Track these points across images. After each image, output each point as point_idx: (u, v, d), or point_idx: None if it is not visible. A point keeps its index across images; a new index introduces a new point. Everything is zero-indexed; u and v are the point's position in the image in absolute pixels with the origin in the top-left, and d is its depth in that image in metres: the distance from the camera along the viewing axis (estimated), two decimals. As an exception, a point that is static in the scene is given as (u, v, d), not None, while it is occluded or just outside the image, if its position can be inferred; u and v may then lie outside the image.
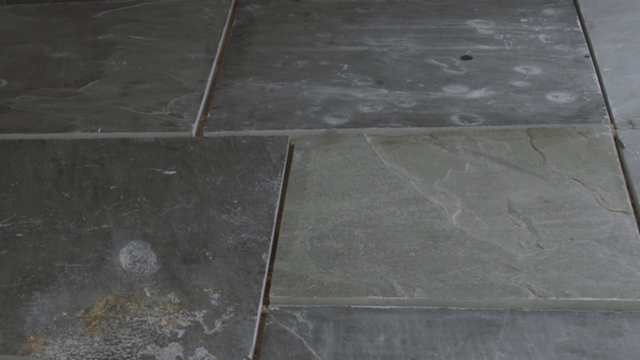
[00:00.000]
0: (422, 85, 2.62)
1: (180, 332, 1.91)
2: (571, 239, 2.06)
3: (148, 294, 2.01)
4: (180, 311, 1.96)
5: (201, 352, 1.87)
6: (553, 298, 1.91)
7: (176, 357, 1.86)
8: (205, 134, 2.51)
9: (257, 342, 1.90)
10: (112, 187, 2.33)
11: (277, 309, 1.96)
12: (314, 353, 1.85)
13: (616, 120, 2.41)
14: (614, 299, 1.90)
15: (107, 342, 1.90)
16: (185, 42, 2.93)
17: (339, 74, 2.72)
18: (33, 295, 2.03)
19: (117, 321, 1.95)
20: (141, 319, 1.95)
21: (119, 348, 1.89)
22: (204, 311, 1.96)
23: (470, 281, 1.97)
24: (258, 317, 1.94)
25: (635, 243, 2.03)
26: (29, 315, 1.98)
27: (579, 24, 2.85)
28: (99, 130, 2.53)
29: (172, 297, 2.00)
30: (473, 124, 2.44)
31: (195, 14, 3.09)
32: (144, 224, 2.20)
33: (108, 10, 3.16)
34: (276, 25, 3.00)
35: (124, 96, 2.68)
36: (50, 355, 1.89)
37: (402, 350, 1.84)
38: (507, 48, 2.76)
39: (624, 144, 2.32)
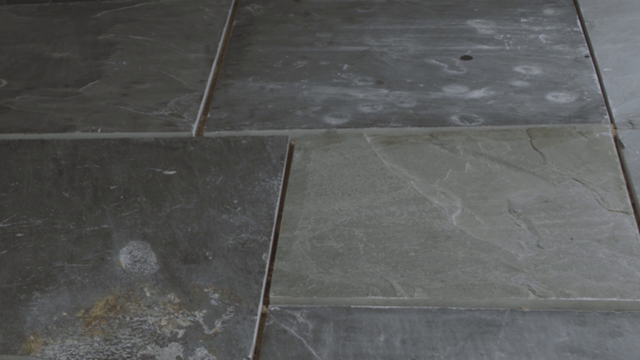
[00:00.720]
0: (422, 85, 2.62)
1: (180, 332, 1.91)
2: (571, 239, 2.06)
3: (148, 294, 2.01)
4: (180, 311, 1.96)
5: (201, 352, 1.87)
6: (553, 298, 1.91)
7: (176, 357, 1.86)
8: (205, 134, 2.51)
9: (257, 342, 1.90)
10: (112, 187, 2.33)
11: (277, 309, 1.96)
12: (314, 353, 1.85)
13: (616, 120, 2.41)
14: (614, 299, 1.90)
15: (107, 342, 1.90)
16: (185, 42, 2.93)
17: (339, 74, 2.72)
18: (33, 295, 2.03)
19: (117, 321, 1.95)
20: (141, 319, 1.95)
21: (119, 348, 1.89)
22: (204, 311, 1.96)
23: (470, 281, 1.97)
24: (258, 317, 1.94)
25: (635, 243, 2.03)
26: (29, 315, 1.98)
27: (579, 24, 2.85)
28: (99, 130, 2.53)
29: (172, 297, 2.00)
30: (473, 124, 2.44)
31: (195, 14, 3.09)
32: (144, 224, 2.20)
33: (108, 10, 3.16)
34: (276, 25, 3.00)
35: (124, 96, 2.68)
36: (50, 355, 1.89)
37: (402, 350, 1.84)
38: (507, 48, 2.76)
39: (624, 144, 2.32)
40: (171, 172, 2.36)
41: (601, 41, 2.74)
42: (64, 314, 1.98)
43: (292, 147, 2.44)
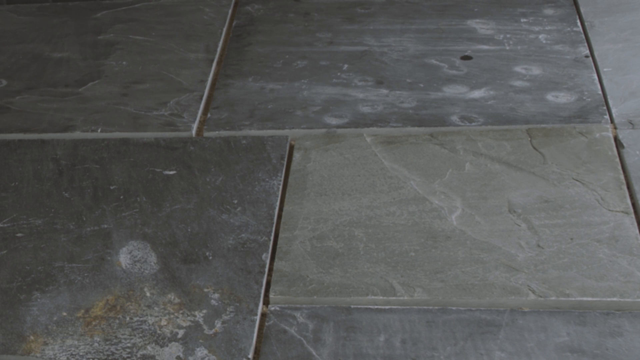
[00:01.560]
0: (422, 85, 2.62)
1: (180, 332, 1.91)
2: (571, 239, 2.06)
3: (148, 294, 2.01)
4: (180, 311, 1.96)
5: (201, 352, 1.87)
6: (553, 298, 1.91)
7: (176, 357, 1.86)
8: (205, 134, 2.51)
9: (257, 342, 1.90)
10: (112, 187, 2.33)
11: (277, 309, 1.96)
12: (314, 353, 1.85)
13: (616, 120, 2.41)
14: (614, 299, 1.90)
15: (107, 342, 1.90)
16: (185, 42, 2.93)
17: (339, 74, 2.72)
18: (33, 295, 2.03)
19: (117, 321, 1.95)
20: (141, 319, 1.95)
21: (119, 348, 1.89)
22: (204, 311, 1.96)
23: (470, 281, 1.97)
24: (258, 317, 1.94)
25: (635, 243, 2.03)
26: (29, 315, 1.98)
27: (579, 24, 2.85)
28: (99, 130, 2.53)
29: (172, 297, 2.00)
30: (473, 124, 2.44)
31: (195, 14, 3.09)
32: (144, 224, 2.20)
33: (108, 10, 3.16)
34: (276, 25, 3.00)
35: (124, 96, 2.68)
36: (50, 355, 1.89)
37: (402, 350, 1.84)
38: (507, 48, 2.76)
39: (624, 144, 2.32)
40: (171, 172, 2.36)
41: (601, 41, 2.75)
42: (64, 314, 1.98)
43: (292, 147, 2.44)
